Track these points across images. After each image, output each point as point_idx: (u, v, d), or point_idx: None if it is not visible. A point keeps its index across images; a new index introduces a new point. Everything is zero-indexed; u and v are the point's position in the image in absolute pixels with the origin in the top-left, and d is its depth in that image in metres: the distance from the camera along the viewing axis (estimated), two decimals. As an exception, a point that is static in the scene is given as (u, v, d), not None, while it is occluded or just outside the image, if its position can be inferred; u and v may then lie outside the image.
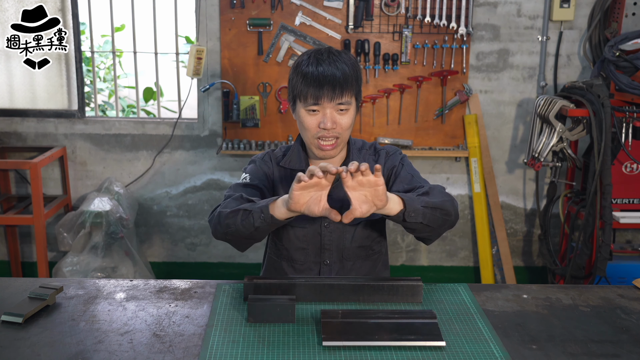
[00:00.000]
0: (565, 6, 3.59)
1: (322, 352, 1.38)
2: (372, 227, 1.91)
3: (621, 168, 3.41)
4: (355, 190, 1.54)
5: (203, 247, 3.98)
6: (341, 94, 1.75)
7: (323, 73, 1.74)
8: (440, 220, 1.69)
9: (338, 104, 1.76)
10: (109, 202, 3.58)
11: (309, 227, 1.89)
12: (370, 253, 1.93)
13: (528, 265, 4.02)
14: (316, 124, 1.78)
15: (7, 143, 3.79)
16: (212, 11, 3.62)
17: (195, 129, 3.79)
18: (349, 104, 1.78)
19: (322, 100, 1.74)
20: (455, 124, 3.77)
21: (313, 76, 1.74)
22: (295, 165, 1.90)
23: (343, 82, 1.74)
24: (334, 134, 1.78)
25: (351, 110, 1.80)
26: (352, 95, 1.79)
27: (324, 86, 1.73)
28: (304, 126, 1.80)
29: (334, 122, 1.76)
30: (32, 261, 3.93)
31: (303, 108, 1.78)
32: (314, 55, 1.79)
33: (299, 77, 1.77)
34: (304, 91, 1.75)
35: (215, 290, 1.69)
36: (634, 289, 1.76)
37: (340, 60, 1.78)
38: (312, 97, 1.75)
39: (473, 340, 1.45)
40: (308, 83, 1.75)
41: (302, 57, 1.81)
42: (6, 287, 1.69)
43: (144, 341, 1.42)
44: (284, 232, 1.90)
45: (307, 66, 1.77)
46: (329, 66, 1.75)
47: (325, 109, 1.76)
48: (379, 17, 3.61)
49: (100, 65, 5.35)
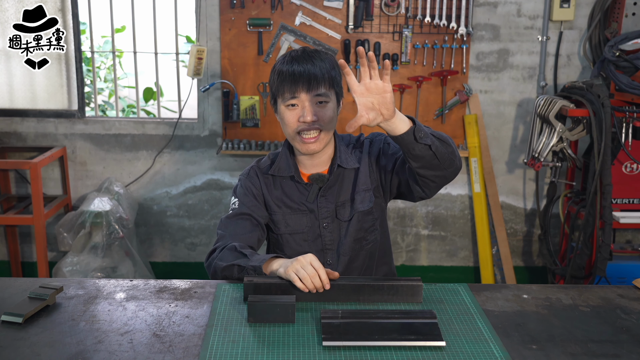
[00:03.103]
0: (565, 6, 3.59)
1: (322, 352, 1.38)
2: (364, 219, 1.91)
3: (621, 168, 3.41)
4: (362, 96, 1.55)
5: (203, 247, 3.98)
6: (317, 85, 1.77)
7: (298, 68, 1.77)
8: (446, 156, 1.66)
9: (316, 96, 1.78)
10: (109, 202, 3.57)
11: (309, 231, 1.90)
12: (364, 244, 1.93)
13: (528, 265, 4.02)
14: (296, 119, 1.80)
15: (7, 143, 3.79)
16: (212, 11, 3.62)
17: (195, 129, 3.79)
18: (327, 96, 1.80)
19: (298, 92, 1.77)
20: (455, 124, 3.77)
21: (288, 72, 1.78)
22: (284, 172, 1.91)
23: (319, 75, 1.77)
24: (315, 126, 1.80)
25: (331, 104, 1.82)
26: (331, 88, 1.81)
27: (299, 79, 1.76)
28: (285, 122, 1.83)
29: (313, 115, 1.78)
30: (32, 261, 3.93)
31: (282, 104, 1.81)
32: (289, 54, 1.83)
33: (275, 75, 1.82)
34: (281, 87, 1.79)
35: (215, 290, 1.69)
36: (634, 289, 1.76)
37: (316, 57, 1.81)
38: (288, 91, 1.78)
39: (473, 340, 1.45)
40: (283, 79, 1.78)
41: (279, 60, 1.86)
42: (6, 287, 1.69)
43: (144, 341, 1.42)
44: (285, 242, 1.92)
45: (282, 65, 1.81)
46: (304, 62, 1.79)
47: (304, 102, 1.78)
48: (379, 17, 3.61)
49: (101, 66, 5.35)
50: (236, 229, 1.84)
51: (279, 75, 1.79)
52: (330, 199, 1.89)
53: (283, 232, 1.91)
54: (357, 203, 1.89)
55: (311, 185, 1.89)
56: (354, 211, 1.89)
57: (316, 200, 1.88)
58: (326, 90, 1.79)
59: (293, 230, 1.90)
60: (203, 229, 3.95)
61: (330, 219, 1.89)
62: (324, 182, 1.88)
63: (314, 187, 1.88)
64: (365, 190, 1.90)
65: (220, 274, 1.75)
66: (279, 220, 1.91)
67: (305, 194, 1.89)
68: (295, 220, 1.90)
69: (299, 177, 1.90)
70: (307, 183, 1.90)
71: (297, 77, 1.76)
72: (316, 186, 1.88)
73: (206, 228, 3.94)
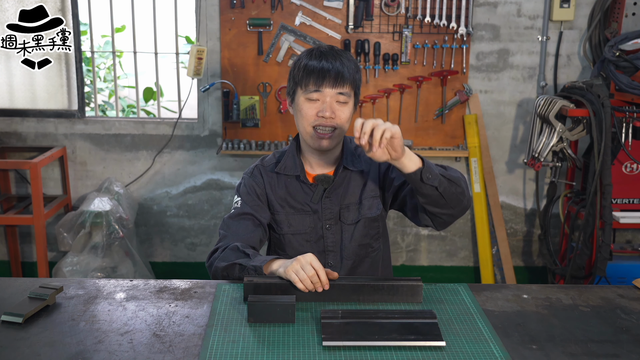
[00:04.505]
0: (565, 6, 3.59)
1: (322, 352, 1.38)
2: (370, 225, 1.91)
3: (621, 168, 3.41)
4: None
5: (203, 247, 3.98)
6: (343, 83, 1.78)
7: (326, 64, 1.78)
8: (454, 197, 1.68)
9: (339, 94, 1.78)
10: (109, 202, 3.57)
11: (311, 232, 1.90)
12: (369, 251, 1.93)
13: (528, 265, 4.02)
14: (314, 112, 1.80)
15: (7, 143, 3.79)
16: (212, 11, 3.62)
17: (195, 129, 3.79)
18: (349, 96, 1.81)
19: (323, 86, 1.77)
20: (455, 124, 3.77)
21: (316, 66, 1.78)
22: (290, 171, 1.90)
23: (346, 74, 1.78)
24: (332, 123, 1.80)
25: (350, 104, 1.82)
26: (352, 90, 1.82)
27: (326, 74, 1.77)
28: (302, 114, 1.82)
29: (332, 112, 1.78)
30: (32, 261, 3.93)
31: (303, 96, 1.80)
32: (317, 49, 1.84)
33: (301, 68, 1.81)
34: (306, 79, 1.79)
35: (215, 290, 1.69)
36: (634, 289, 1.76)
37: (344, 56, 1.82)
38: (314, 84, 1.78)
39: (473, 340, 1.45)
40: (310, 71, 1.78)
41: (303, 54, 1.85)
42: (6, 287, 1.69)
43: (144, 341, 1.42)
44: (287, 242, 1.91)
45: (310, 59, 1.81)
46: (332, 59, 1.79)
47: (326, 97, 1.78)
48: (379, 17, 3.61)
49: (101, 66, 5.35)
50: (238, 229, 1.84)
51: (304, 68, 1.80)
52: (334, 201, 1.89)
53: (286, 232, 1.91)
54: (365, 208, 1.89)
55: (316, 186, 1.89)
56: (361, 216, 1.89)
57: (320, 201, 1.89)
58: (349, 90, 1.80)
59: (296, 230, 1.90)
60: (203, 229, 3.95)
61: (333, 221, 1.89)
62: (329, 184, 1.88)
63: (319, 188, 1.88)
64: (373, 197, 1.91)
65: (220, 273, 1.75)
66: (281, 220, 1.91)
67: (310, 194, 1.89)
68: (298, 221, 1.90)
69: (304, 177, 1.90)
70: (312, 183, 1.90)
71: (325, 71, 1.77)
72: (321, 187, 1.88)
73: (206, 228, 3.94)
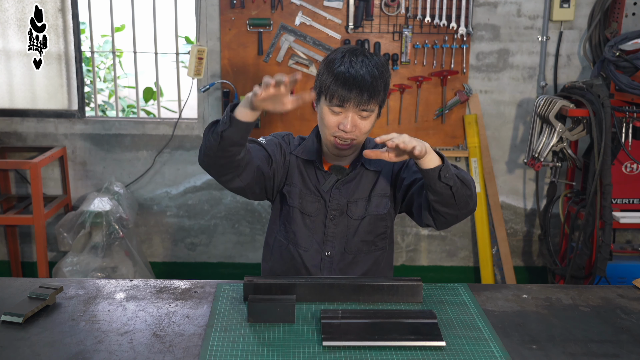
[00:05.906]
0: (565, 6, 3.59)
1: (322, 352, 1.38)
2: (377, 223, 1.92)
3: (621, 168, 3.41)
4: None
5: (203, 247, 3.98)
6: (367, 101, 1.75)
7: (354, 76, 1.73)
8: (463, 198, 1.68)
9: (362, 110, 1.77)
10: (109, 202, 3.57)
11: (316, 217, 1.91)
12: (373, 248, 1.93)
13: (528, 265, 4.02)
14: (336, 124, 1.79)
15: (7, 143, 3.79)
16: (212, 11, 3.62)
17: (195, 129, 3.79)
18: (372, 111, 1.79)
19: (347, 104, 1.75)
20: (455, 124, 3.77)
21: (344, 78, 1.73)
22: (307, 156, 1.92)
23: (371, 89, 1.74)
24: (352, 136, 1.80)
25: (372, 117, 1.81)
26: (377, 103, 1.79)
27: (352, 90, 1.73)
28: (324, 123, 1.82)
29: (354, 126, 1.78)
30: (32, 261, 3.93)
31: (327, 106, 1.79)
32: (348, 55, 1.78)
33: (329, 74, 1.77)
34: (332, 90, 1.75)
35: (215, 290, 1.69)
36: (634, 289, 1.76)
37: (372, 64, 1.77)
38: (338, 99, 1.75)
39: (473, 340, 1.45)
40: (337, 83, 1.74)
41: (336, 55, 1.80)
42: (6, 287, 1.69)
43: (144, 341, 1.42)
44: (294, 216, 1.92)
45: (339, 65, 1.76)
46: (360, 69, 1.74)
47: (348, 112, 1.77)
48: (379, 17, 3.61)
49: (100, 65, 5.35)
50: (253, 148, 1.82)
51: (334, 78, 1.75)
52: (344, 193, 1.90)
53: (296, 205, 1.92)
54: (373, 206, 1.90)
55: (330, 174, 1.90)
56: (368, 213, 1.90)
57: (330, 190, 1.89)
58: (373, 106, 1.78)
59: (303, 209, 1.91)
60: (203, 229, 3.95)
61: (338, 212, 1.90)
62: (342, 175, 1.89)
63: (332, 177, 1.90)
64: (382, 195, 1.91)
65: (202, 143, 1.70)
66: (294, 193, 1.92)
67: (322, 181, 1.91)
68: (308, 201, 1.91)
69: (320, 164, 1.91)
70: (326, 171, 1.91)
71: (351, 87, 1.73)
72: (334, 177, 1.89)
73: (206, 228, 3.94)
